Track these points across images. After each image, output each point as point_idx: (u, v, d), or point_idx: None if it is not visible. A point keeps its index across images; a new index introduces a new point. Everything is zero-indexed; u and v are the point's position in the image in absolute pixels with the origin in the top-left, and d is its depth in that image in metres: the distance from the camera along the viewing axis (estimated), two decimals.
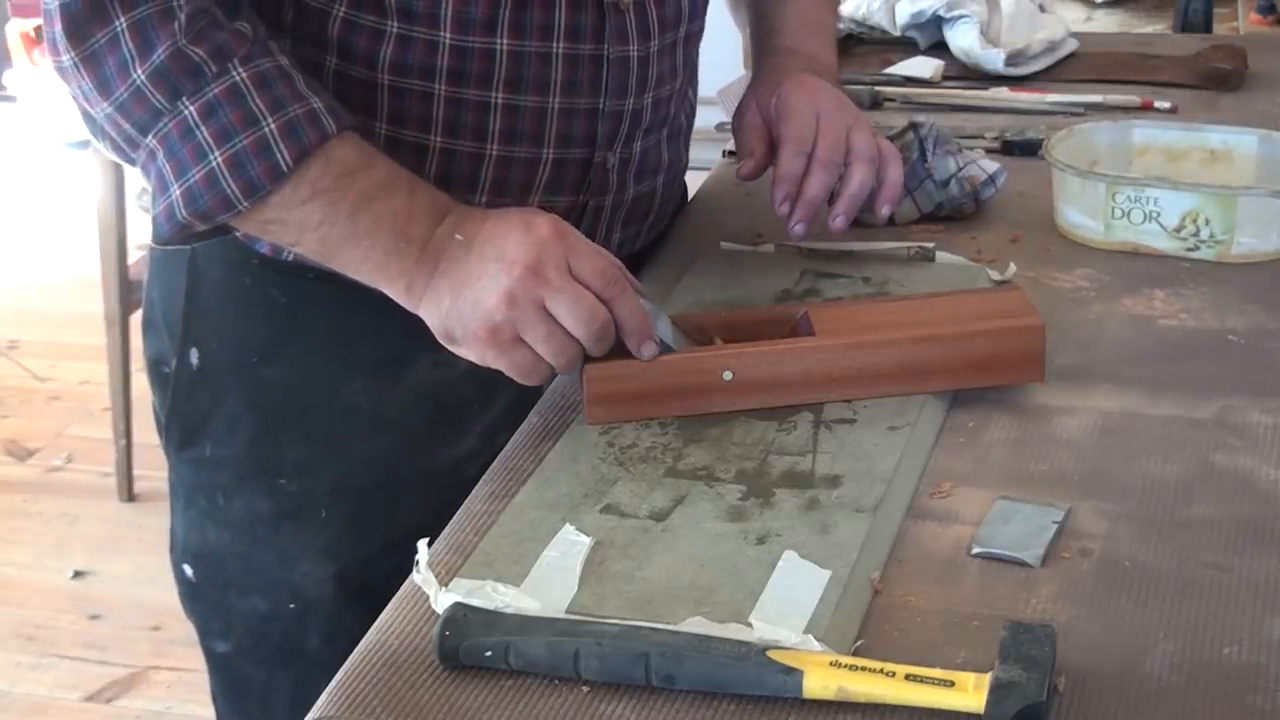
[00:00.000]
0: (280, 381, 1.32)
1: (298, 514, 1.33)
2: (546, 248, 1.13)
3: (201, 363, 1.34)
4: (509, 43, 1.24)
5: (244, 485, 1.35)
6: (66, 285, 4.16)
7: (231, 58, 1.15)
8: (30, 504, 3.26)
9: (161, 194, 1.16)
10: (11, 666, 2.78)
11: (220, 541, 1.37)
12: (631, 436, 1.17)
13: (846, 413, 1.19)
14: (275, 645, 1.37)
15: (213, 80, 1.14)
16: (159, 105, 1.14)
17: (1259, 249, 1.43)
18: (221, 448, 1.35)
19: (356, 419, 1.32)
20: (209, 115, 1.14)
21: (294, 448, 1.33)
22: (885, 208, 1.38)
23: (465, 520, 1.09)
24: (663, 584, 1.00)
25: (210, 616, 1.41)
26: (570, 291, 1.12)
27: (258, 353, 1.32)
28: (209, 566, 1.39)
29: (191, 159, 1.14)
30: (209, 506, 1.37)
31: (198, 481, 1.38)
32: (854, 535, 1.04)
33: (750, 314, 1.29)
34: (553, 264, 1.12)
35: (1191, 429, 1.17)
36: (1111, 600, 0.98)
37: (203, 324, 1.33)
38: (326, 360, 1.31)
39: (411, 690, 0.93)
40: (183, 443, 1.37)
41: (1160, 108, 1.85)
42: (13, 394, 3.70)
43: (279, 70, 1.16)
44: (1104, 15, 2.65)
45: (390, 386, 1.32)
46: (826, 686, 0.89)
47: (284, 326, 1.31)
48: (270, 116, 1.14)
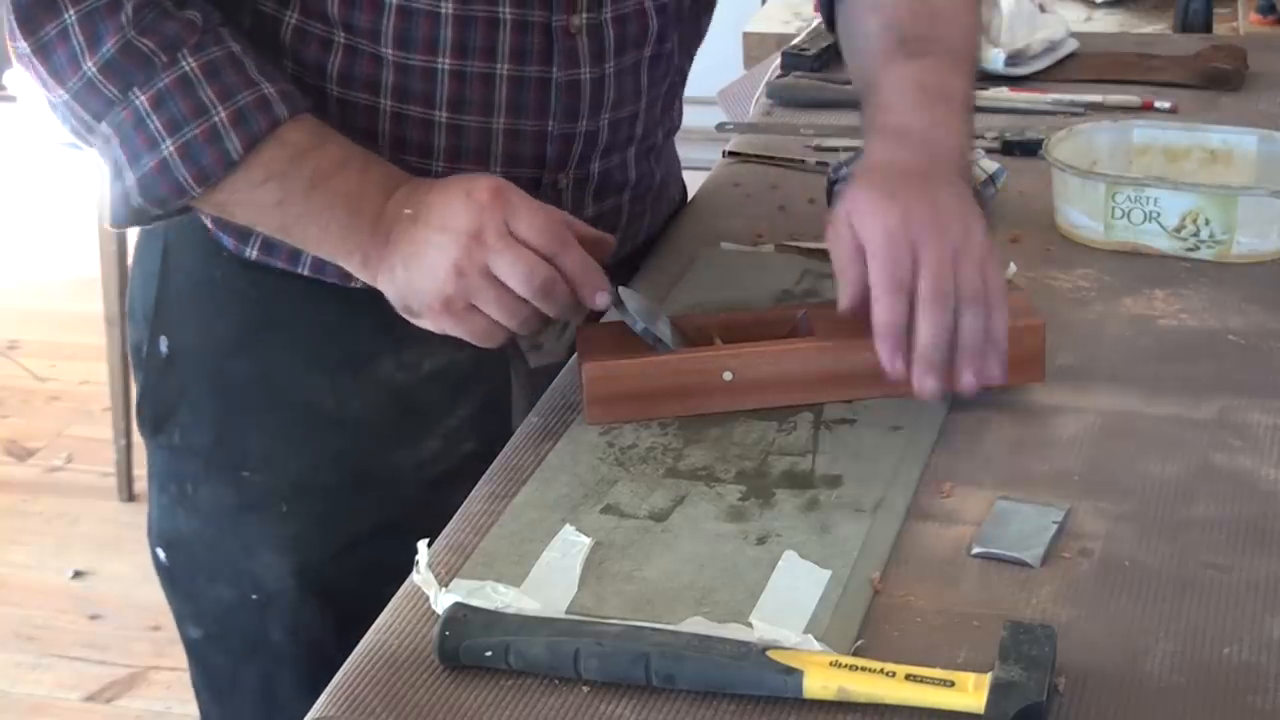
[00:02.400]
0: (246, 374, 1.33)
1: (260, 507, 1.34)
2: (485, 212, 1.13)
3: (171, 351, 1.35)
4: (451, 63, 1.23)
5: (210, 475, 1.36)
6: (66, 285, 4.16)
7: (181, 47, 1.16)
8: (30, 504, 3.26)
9: (116, 179, 1.18)
10: (11, 666, 2.78)
11: (190, 528, 1.38)
12: (631, 436, 1.17)
13: (846, 413, 1.19)
14: (241, 635, 1.39)
15: (163, 70, 1.16)
16: (110, 95, 1.16)
17: (1259, 249, 1.43)
18: (189, 436, 1.36)
19: (320, 416, 1.32)
20: (159, 105, 1.16)
21: (257, 441, 1.34)
22: (970, 376, 1.12)
23: (465, 520, 1.10)
24: (663, 584, 1.00)
25: (183, 601, 1.43)
26: (510, 252, 1.12)
27: (224, 344, 1.33)
28: (180, 552, 1.40)
29: (144, 147, 1.16)
30: (179, 493, 1.38)
31: (169, 468, 1.39)
32: (854, 535, 1.04)
33: (750, 314, 1.29)
34: (492, 228, 1.13)
35: (1191, 429, 1.17)
36: (1111, 600, 0.98)
37: (172, 313, 1.35)
38: (291, 356, 1.31)
39: (411, 690, 0.93)
40: (154, 428, 1.39)
41: (1160, 108, 1.85)
42: (13, 394, 3.70)
43: (230, 58, 1.17)
44: (1104, 15, 2.65)
45: (354, 385, 1.32)
46: (826, 686, 0.89)
47: (251, 320, 1.32)
48: (220, 105, 1.16)
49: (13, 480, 3.35)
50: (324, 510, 1.33)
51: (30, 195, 4.85)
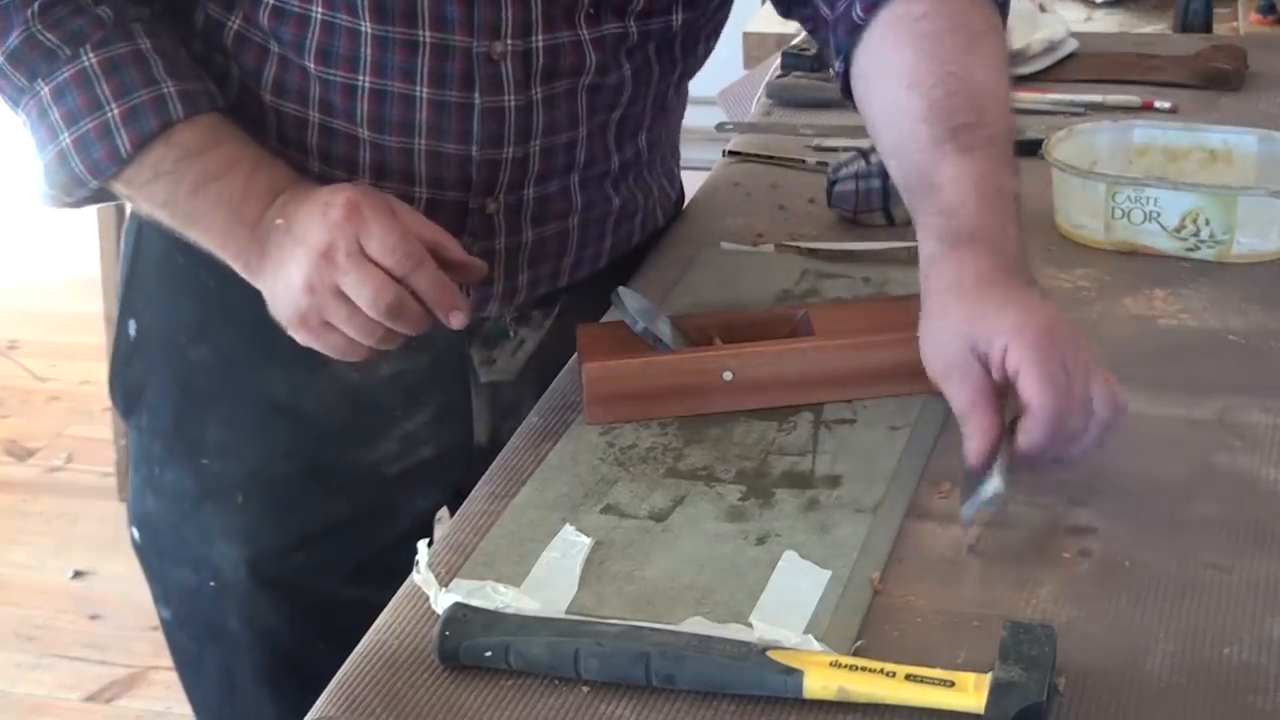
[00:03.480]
0: (205, 362, 1.33)
1: (217, 495, 1.35)
2: (338, 229, 1.10)
3: (137, 335, 1.37)
4: (371, 81, 1.21)
5: (172, 459, 1.37)
6: (66, 285, 4.15)
7: (85, 43, 1.18)
8: (30, 504, 3.26)
9: (35, 161, 1.22)
10: (11, 666, 2.77)
11: (157, 510, 1.40)
12: (631, 436, 1.17)
13: (846, 413, 1.19)
14: (203, 619, 1.40)
15: (64, 64, 1.18)
16: (19, 84, 1.19)
17: (1259, 249, 1.43)
18: (155, 420, 1.38)
19: (277, 408, 1.33)
20: (59, 98, 1.18)
21: (215, 429, 1.34)
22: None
23: (465, 520, 1.10)
24: (663, 584, 1.00)
25: (154, 581, 1.44)
26: (357, 272, 1.10)
27: (186, 331, 1.34)
28: (149, 533, 1.42)
29: (47, 137, 1.20)
30: (148, 474, 1.39)
31: (139, 449, 1.41)
32: (854, 535, 1.04)
33: (750, 314, 1.29)
34: (343, 246, 1.10)
35: (1191, 429, 1.17)
36: (1111, 600, 0.98)
37: (140, 297, 1.37)
38: (250, 346, 1.31)
39: (411, 690, 0.93)
40: (125, 410, 1.41)
41: (1160, 108, 1.85)
42: (13, 394, 3.70)
43: (134, 55, 1.18)
44: (1104, 15, 2.65)
45: (310, 380, 1.31)
46: (826, 686, 0.89)
47: (212, 308, 1.32)
48: (114, 102, 1.17)
49: (13, 480, 3.35)
50: (279, 503, 1.34)
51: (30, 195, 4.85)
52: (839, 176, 1.54)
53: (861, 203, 1.53)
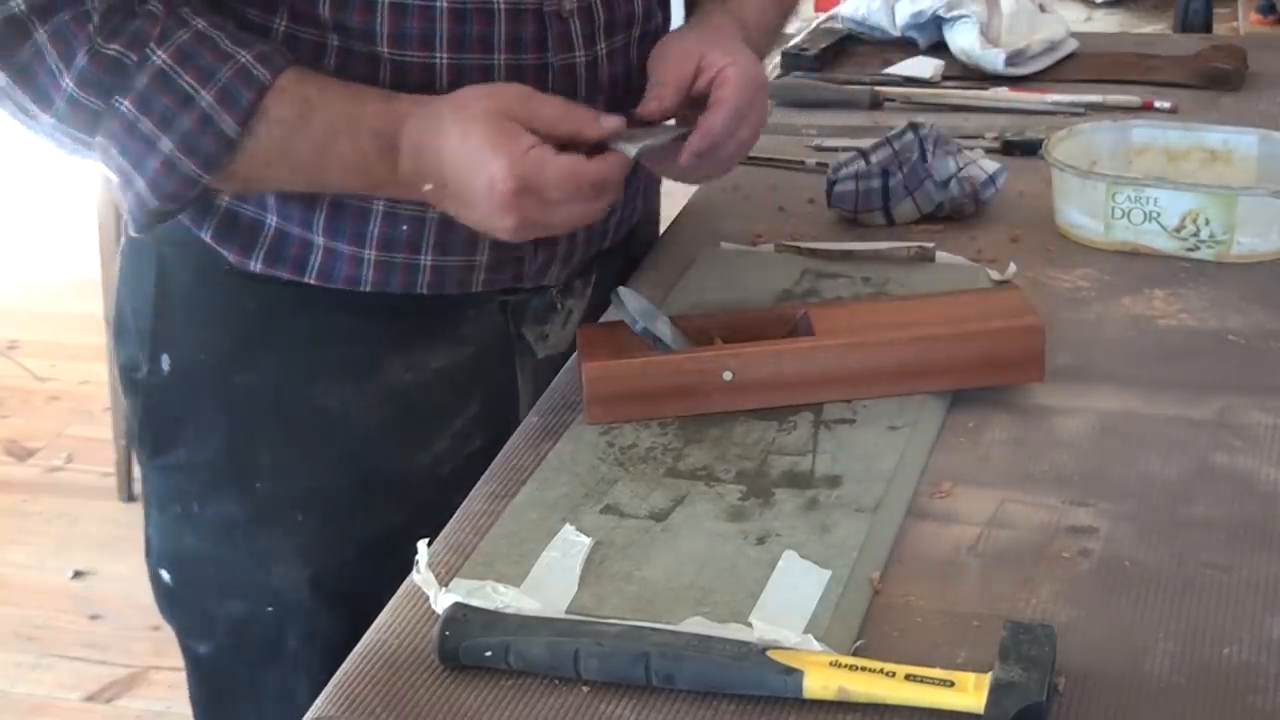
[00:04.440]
0: (252, 386, 1.32)
1: (272, 518, 1.33)
2: (518, 204, 1.15)
3: (173, 369, 1.34)
4: (448, 57, 1.22)
5: (218, 490, 1.35)
6: (66, 285, 4.16)
7: (147, 43, 1.14)
8: (30, 504, 3.26)
9: (128, 186, 1.17)
10: (11, 666, 2.78)
11: (197, 546, 1.37)
12: (631, 436, 1.17)
13: (846, 413, 1.19)
14: (257, 645, 1.38)
15: (137, 70, 1.14)
16: (95, 107, 1.14)
17: (1259, 249, 1.43)
18: (195, 453, 1.35)
19: (329, 422, 1.32)
20: (145, 106, 1.15)
21: (268, 452, 1.33)
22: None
23: (465, 520, 1.10)
24: (663, 584, 1.00)
25: (190, 619, 1.42)
26: (558, 218, 1.19)
27: (229, 358, 1.32)
28: (187, 571, 1.39)
29: (143, 151, 1.15)
30: (183, 513, 1.37)
31: (171, 488, 1.38)
32: (854, 535, 1.04)
33: (750, 314, 1.29)
34: (533, 212, 1.16)
35: (1191, 429, 1.17)
36: (1111, 600, 0.98)
37: (173, 330, 1.33)
38: (297, 365, 1.31)
39: (411, 690, 0.93)
40: (155, 450, 1.37)
41: (1160, 108, 1.85)
42: (13, 394, 3.70)
43: (198, 37, 1.16)
44: (1104, 15, 2.65)
45: (361, 389, 1.31)
46: (826, 686, 0.89)
47: (254, 332, 1.31)
48: (203, 89, 1.15)
49: (13, 480, 3.35)
50: (337, 516, 1.33)
51: (30, 195, 4.85)
52: (839, 176, 1.54)
53: (862, 203, 1.53)
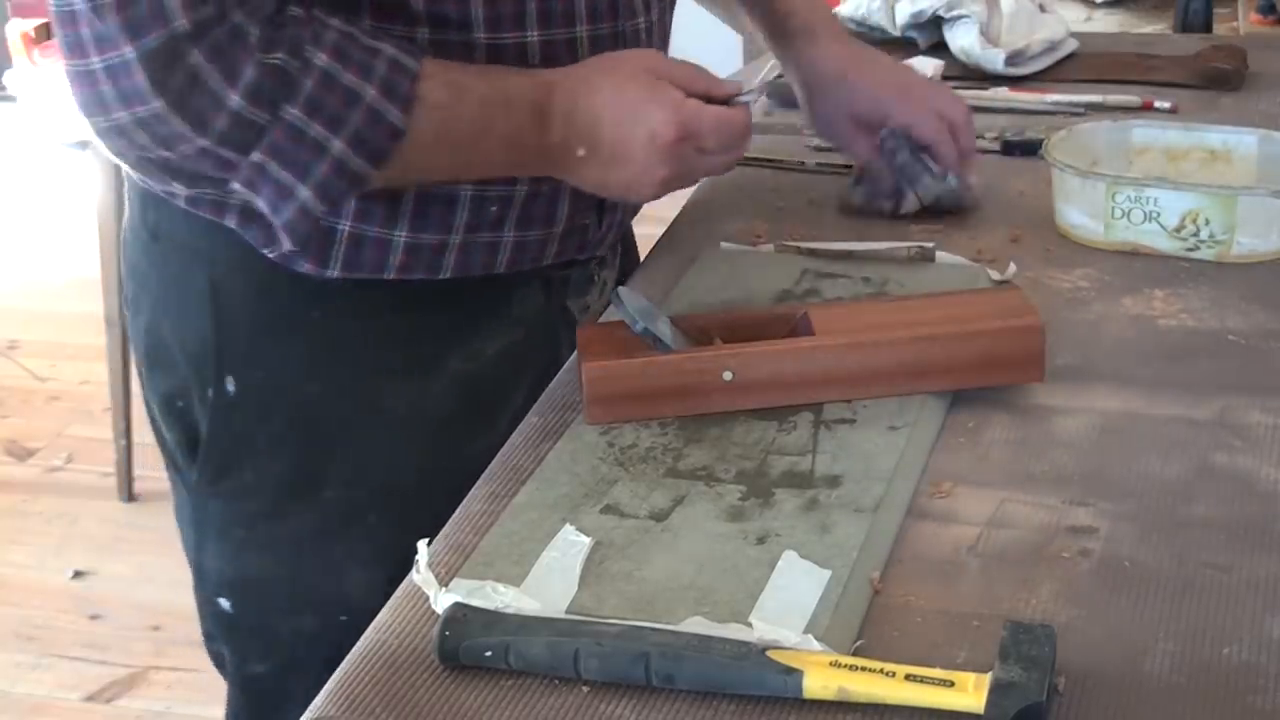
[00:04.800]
0: (319, 396, 1.32)
1: (345, 525, 1.33)
2: (677, 154, 1.23)
3: (239, 390, 1.33)
4: (539, 34, 1.25)
5: (286, 506, 1.35)
6: (66, 285, 4.16)
7: (304, 46, 1.14)
8: (30, 504, 3.26)
9: (285, 201, 1.16)
10: (11, 666, 2.78)
11: (262, 568, 1.36)
12: (631, 436, 1.17)
13: (846, 413, 1.19)
14: (322, 659, 1.37)
15: (300, 75, 1.13)
16: (260, 121, 1.13)
17: (1259, 249, 1.43)
18: (262, 472, 1.35)
19: (396, 422, 1.33)
20: (314, 110, 1.14)
21: (337, 460, 1.33)
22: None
23: (465, 520, 1.10)
24: (663, 584, 1.00)
25: (248, 643, 1.41)
26: (707, 165, 1.28)
27: (296, 371, 1.32)
28: (250, 595, 1.39)
29: (312, 156, 1.14)
30: (247, 536, 1.37)
31: (233, 512, 1.37)
32: (854, 535, 1.04)
33: (750, 314, 1.29)
34: (691, 158, 1.24)
35: (1191, 429, 1.17)
36: (1111, 600, 0.98)
37: (236, 352, 1.32)
38: (361, 369, 1.32)
39: (411, 690, 0.93)
40: (217, 475, 1.36)
41: (1160, 108, 1.85)
42: (13, 394, 3.70)
43: (344, 35, 1.16)
44: (1104, 15, 2.65)
45: (425, 385, 1.33)
46: (826, 686, 0.89)
47: (318, 341, 1.31)
48: (366, 84, 1.15)
49: (13, 480, 3.35)
50: (408, 513, 1.32)
51: (30, 195, 4.85)
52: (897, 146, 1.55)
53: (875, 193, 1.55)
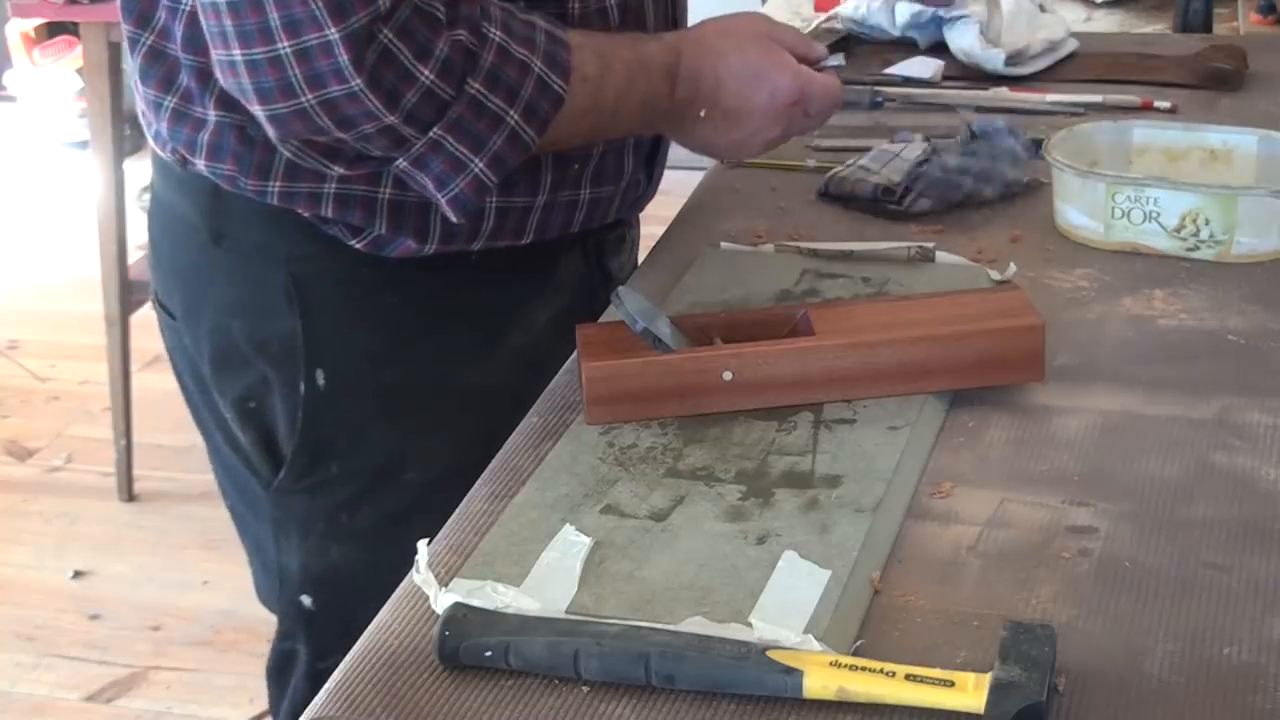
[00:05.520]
0: (401, 381, 1.35)
1: (423, 508, 1.33)
2: (789, 116, 1.32)
3: (328, 382, 1.35)
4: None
5: (370, 494, 1.37)
6: (66, 285, 4.16)
7: (481, 22, 1.18)
8: (30, 504, 3.26)
9: (456, 176, 1.20)
10: (11, 666, 2.78)
11: (345, 558, 1.38)
12: (631, 436, 1.17)
13: (846, 413, 1.19)
14: None
15: (482, 50, 1.17)
16: (446, 97, 1.16)
17: (1259, 249, 1.43)
18: (348, 462, 1.37)
19: (467, 399, 1.36)
20: (494, 83, 1.18)
21: (417, 442, 1.36)
22: None
23: (465, 520, 1.10)
24: (663, 584, 1.00)
25: (329, 637, 1.41)
26: (802, 128, 1.36)
27: (379, 358, 1.35)
28: (333, 587, 1.41)
29: (489, 129, 1.18)
30: (329, 527, 1.39)
31: (318, 506, 1.39)
32: (854, 535, 1.04)
33: (750, 314, 1.29)
34: (797, 122, 1.34)
35: (1191, 429, 1.17)
36: (1111, 600, 0.98)
37: (325, 345, 1.34)
38: (435, 350, 1.35)
39: (411, 690, 0.93)
40: (306, 470, 1.38)
41: (1160, 108, 1.85)
42: (13, 394, 3.70)
43: (504, 10, 1.20)
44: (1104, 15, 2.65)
45: (491, 360, 1.37)
46: (826, 686, 0.89)
47: (396, 326, 1.35)
48: (532, 56, 1.19)
49: (13, 480, 3.35)
50: None
51: (30, 195, 4.85)
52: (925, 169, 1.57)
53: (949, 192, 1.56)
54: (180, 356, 1.44)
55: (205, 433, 1.48)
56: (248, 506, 1.46)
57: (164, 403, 3.53)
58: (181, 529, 3.07)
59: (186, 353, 1.42)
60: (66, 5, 2.95)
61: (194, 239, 1.35)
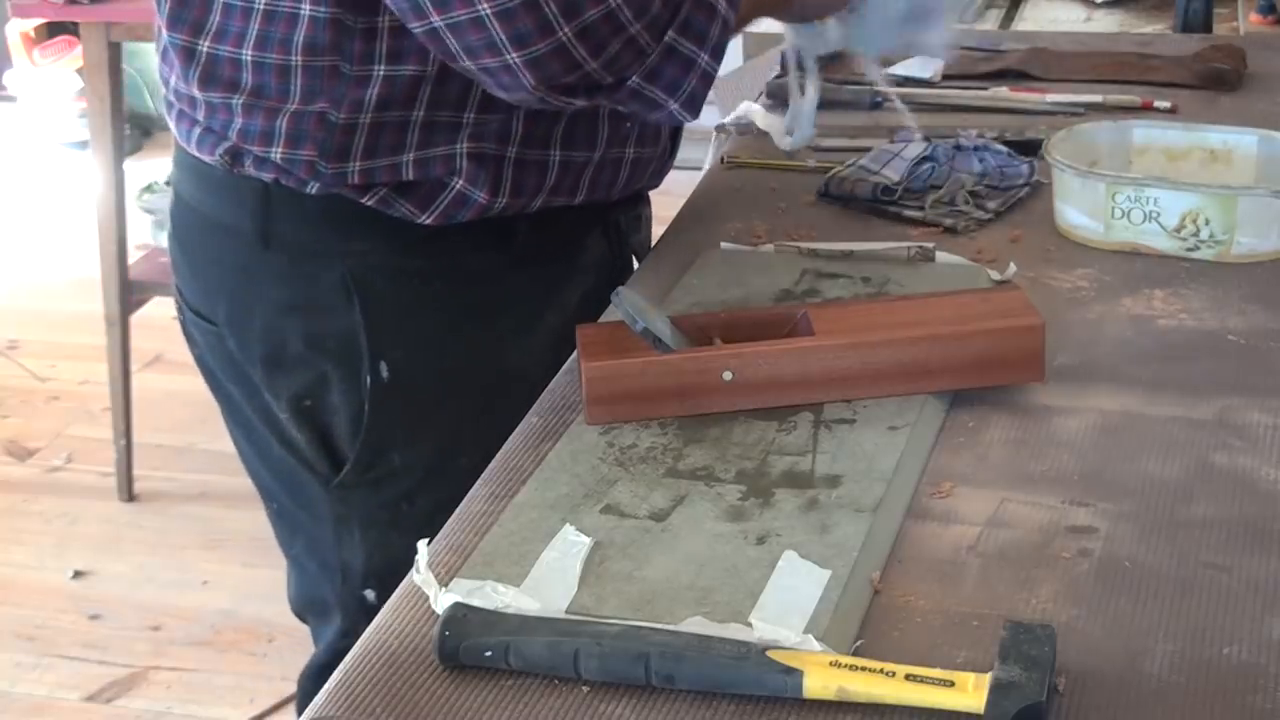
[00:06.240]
0: (457, 365, 1.38)
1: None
2: None
3: (390, 375, 1.37)
4: None
5: (429, 482, 1.39)
6: (66, 285, 4.16)
7: None
8: (30, 504, 3.26)
9: (687, 75, 1.25)
10: (11, 666, 2.77)
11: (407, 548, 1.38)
12: (631, 436, 1.17)
13: (846, 413, 1.19)
14: None
15: None
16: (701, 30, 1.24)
17: (1259, 249, 1.43)
18: (412, 452, 1.40)
19: (511, 382, 1.37)
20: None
21: (471, 426, 1.37)
22: None
23: (465, 520, 1.10)
24: (663, 584, 1.00)
25: None
26: None
27: (438, 344, 1.38)
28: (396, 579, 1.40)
29: (709, 19, 1.25)
30: (391, 518, 1.41)
31: (381, 499, 1.41)
32: (854, 535, 1.04)
33: (750, 314, 1.29)
34: None
35: (1191, 429, 1.17)
36: (1111, 600, 0.98)
37: (385, 338, 1.37)
38: (486, 333, 1.39)
39: (411, 690, 0.93)
40: (370, 463, 1.40)
41: (1160, 108, 1.85)
42: (13, 394, 3.70)
43: None
44: (1104, 15, 2.65)
45: (530, 339, 1.40)
46: (826, 686, 0.89)
47: (449, 312, 1.38)
48: None
49: (13, 480, 3.35)
50: None
51: (30, 195, 4.85)
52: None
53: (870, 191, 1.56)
54: (221, 362, 1.45)
55: (251, 438, 1.48)
56: (301, 507, 1.47)
57: (164, 403, 3.55)
58: (181, 529, 3.07)
59: (231, 358, 1.43)
60: (66, 5, 2.95)
61: (239, 242, 1.36)
